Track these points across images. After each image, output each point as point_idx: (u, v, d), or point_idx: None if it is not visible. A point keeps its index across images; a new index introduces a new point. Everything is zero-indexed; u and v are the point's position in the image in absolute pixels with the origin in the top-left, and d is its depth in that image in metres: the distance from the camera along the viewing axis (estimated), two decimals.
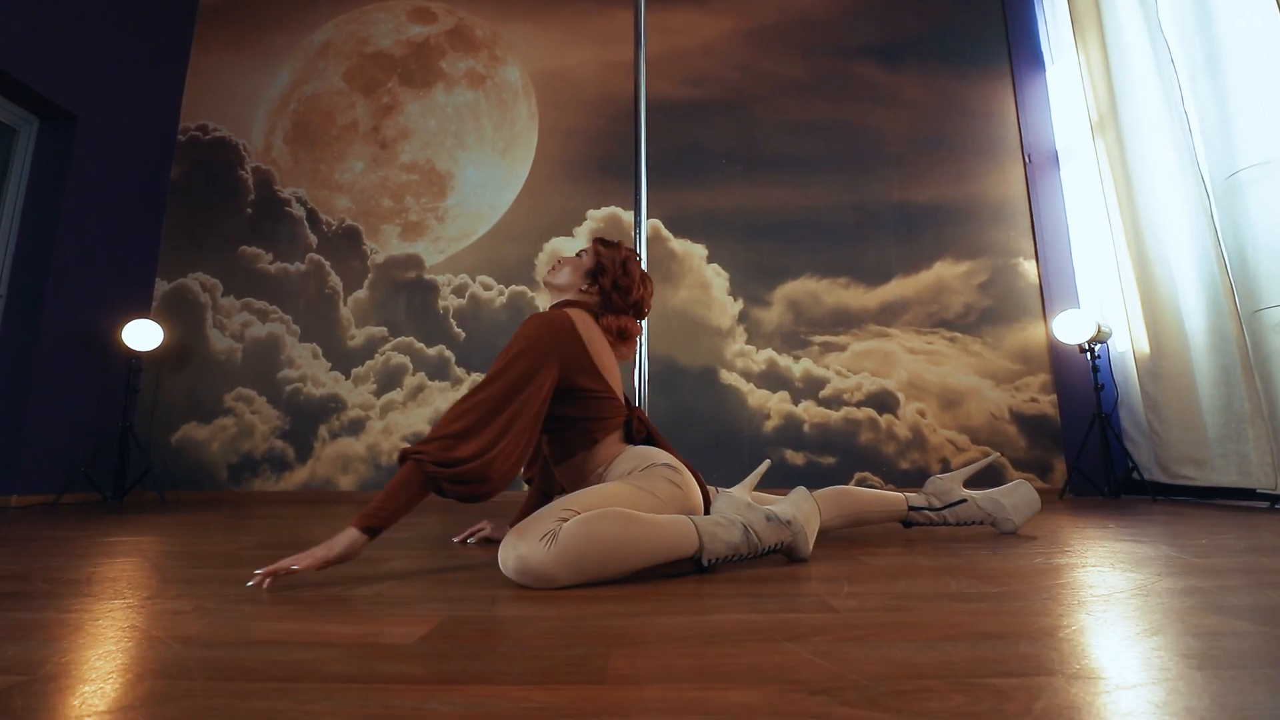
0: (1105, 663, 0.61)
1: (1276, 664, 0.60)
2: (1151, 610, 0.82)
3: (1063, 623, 0.76)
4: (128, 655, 0.67)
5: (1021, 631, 0.72)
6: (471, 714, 0.50)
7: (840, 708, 0.50)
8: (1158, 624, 0.75)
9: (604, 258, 1.41)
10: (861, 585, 1.00)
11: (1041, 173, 3.63)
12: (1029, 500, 1.66)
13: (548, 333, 1.19)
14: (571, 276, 1.41)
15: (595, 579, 1.00)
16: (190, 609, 0.87)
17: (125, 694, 0.55)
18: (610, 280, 1.39)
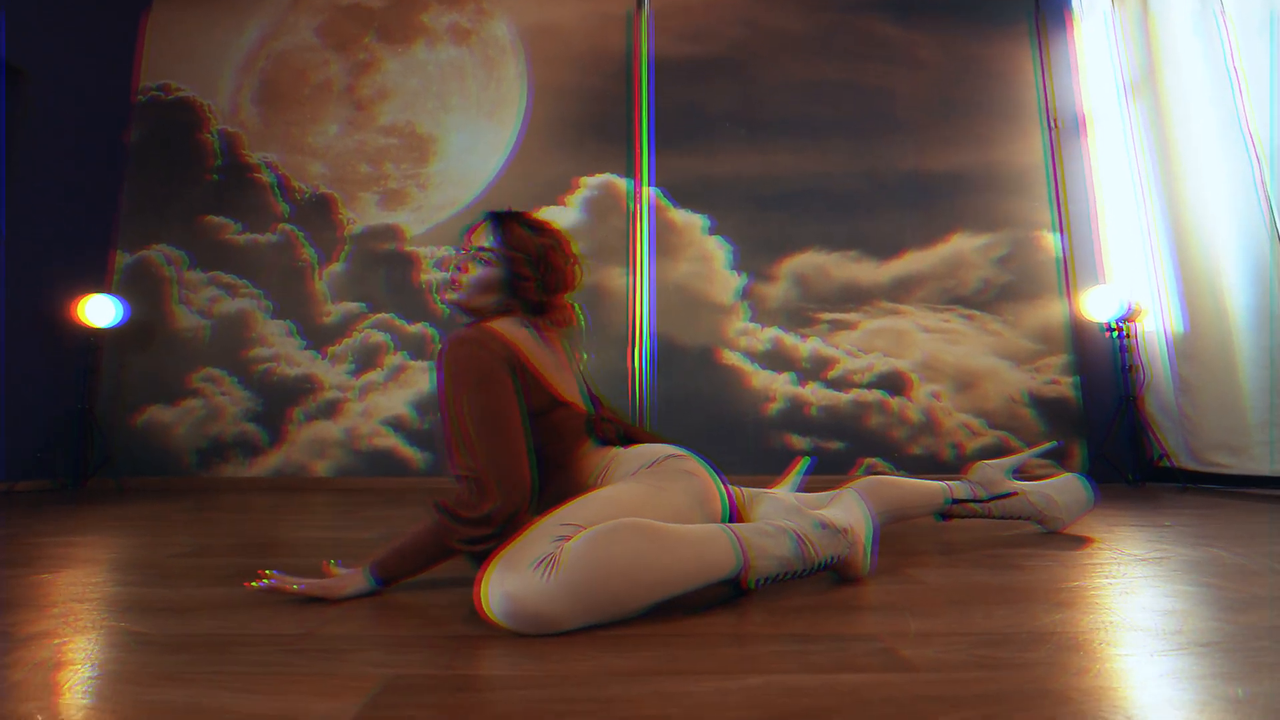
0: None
1: None
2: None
3: (1244, 685, 0.55)
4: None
5: (1201, 709, 0.51)
6: None
7: None
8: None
9: (518, 265, 1.04)
10: (930, 619, 0.79)
11: (1066, 139, 3.39)
12: (1080, 498, 1.48)
13: (484, 351, 0.92)
14: (483, 294, 1.05)
15: (610, 619, 0.77)
16: (59, 645, 0.65)
17: None
18: (535, 286, 1.05)
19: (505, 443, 0.87)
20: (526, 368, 0.96)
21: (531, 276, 1.04)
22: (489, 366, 0.91)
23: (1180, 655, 0.64)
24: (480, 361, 0.91)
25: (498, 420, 0.88)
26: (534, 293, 1.05)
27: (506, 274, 1.04)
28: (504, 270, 1.04)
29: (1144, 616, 0.77)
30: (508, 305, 1.05)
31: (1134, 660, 0.62)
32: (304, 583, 0.90)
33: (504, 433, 0.87)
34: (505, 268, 1.04)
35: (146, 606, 0.88)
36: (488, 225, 1.07)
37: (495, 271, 1.04)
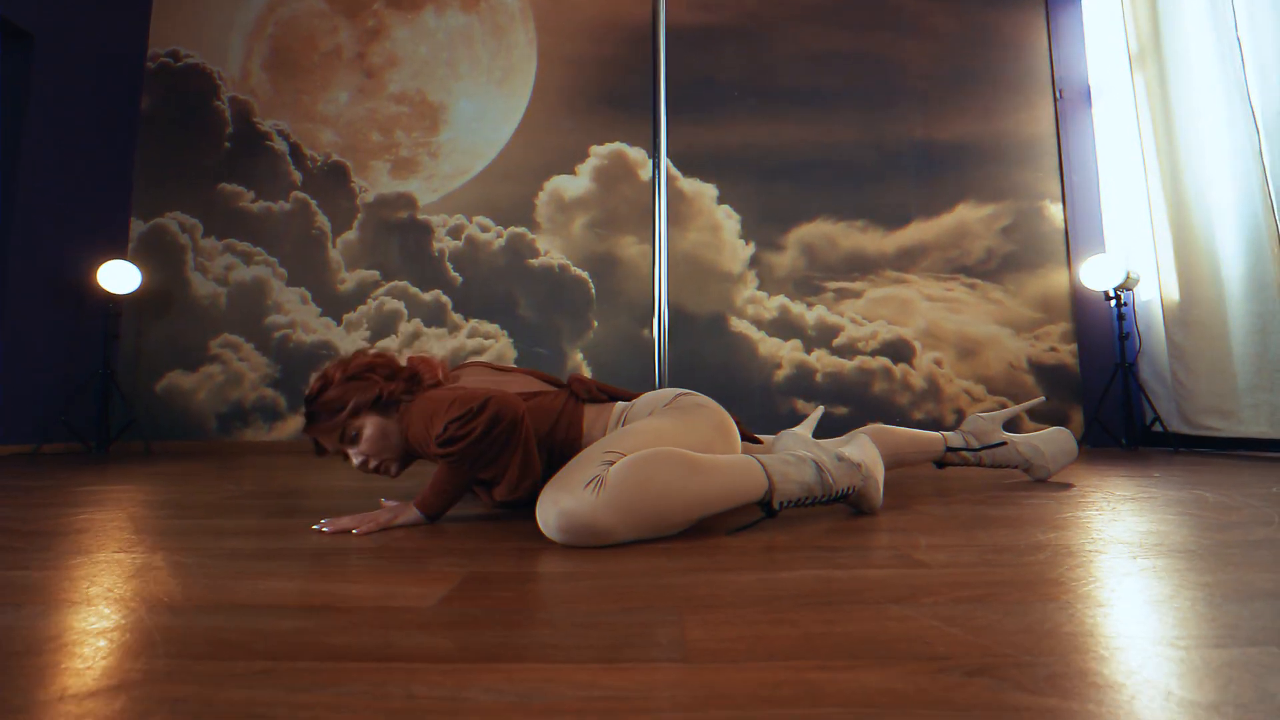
0: (1254, 620, 0.49)
1: None
2: (1266, 560, 0.70)
3: (1214, 578, 0.64)
4: (78, 626, 0.53)
5: (1174, 594, 0.60)
6: (525, 707, 0.37)
7: (1022, 695, 0.38)
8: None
9: (362, 393, 1.09)
10: (940, 537, 0.88)
11: (1073, 109, 3.42)
12: (1067, 450, 1.56)
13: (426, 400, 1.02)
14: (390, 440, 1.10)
15: (655, 532, 0.85)
16: (163, 564, 0.74)
17: (68, 679, 0.42)
18: (389, 395, 1.10)
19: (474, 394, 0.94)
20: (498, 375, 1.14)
21: (380, 389, 1.09)
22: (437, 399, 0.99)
23: (1158, 558, 0.72)
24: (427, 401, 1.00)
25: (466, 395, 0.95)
26: (397, 386, 1.11)
27: (377, 414, 1.09)
28: (370, 418, 1.09)
29: (1129, 534, 0.86)
30: (403, 414, 1.08)
31: (1118, 561, 0.71)
32: (360, 520, 0.97)
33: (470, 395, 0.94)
34: (368, 415, 1.09)
35: (222, 531, 0.97)
36: (323, 432, 1.11)
37: (371, 426, 1.09)
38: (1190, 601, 0.57)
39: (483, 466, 0.93)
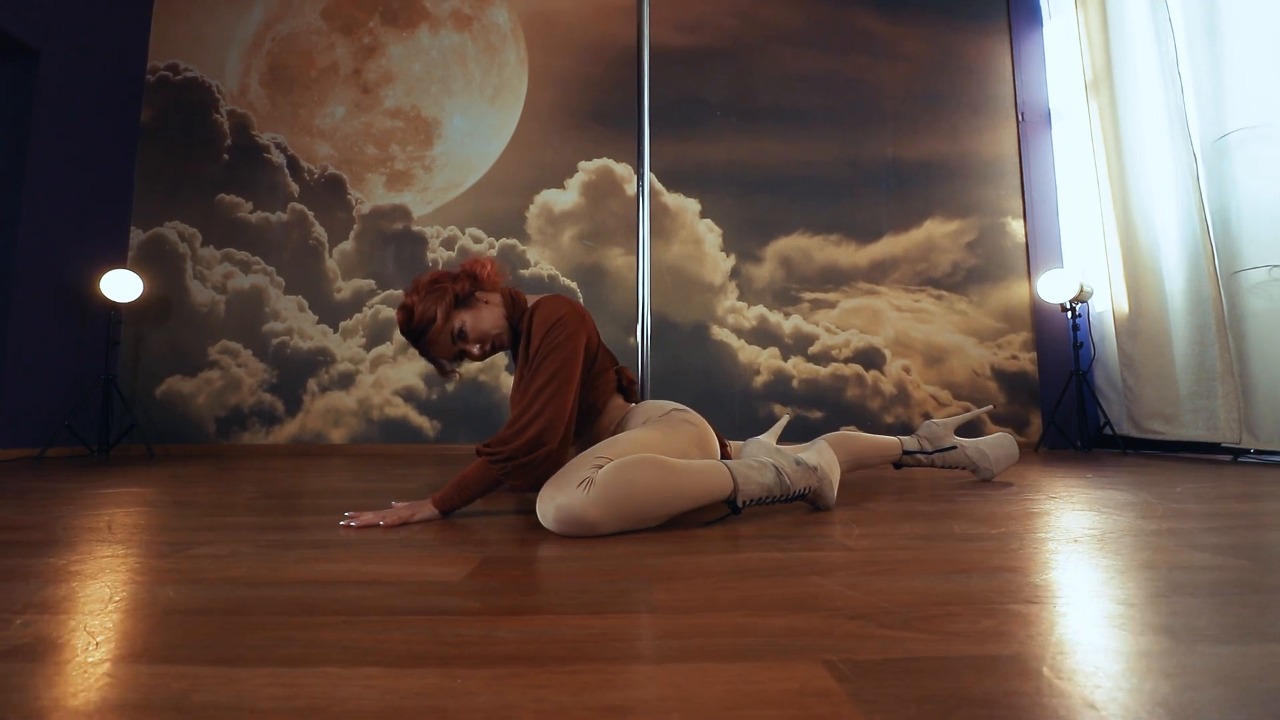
0: (1109, 589, 0.67)
1: (1253, 591, 0.66)
2: (1141, 547, 0.88)
3: (1063, 557, 0.82)
4: (188, 596, 0.69)
5: (1027, 565, 0.78)
6: (538, 639, 0.54)
7: (879, 629, 0.55)
8: (1149, 558, 0.81)
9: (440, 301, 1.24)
10: (871, 528, 1.05)
11: (1034, 131, 3.64)
12: (1010, 453, 1.75)
13: (576, 311, 1.22)
14: (481, 326, 1.27)
15: (636, 525, 1.02)
16: (227, 553, 0.89)
17: (199, 630, 0.58)
18: (482, 285, 1.30)
19: (563, 396, 1.13)
20: (595, 329, 1.29)
21: (451, 290, 1.25)
22: (579, 327, 1.20)
23: (1043, 542, 0.90)
24: (578, 321, 1.21)
25: (567, 375, 1.15)
26: (464, 284, 1.27)
27: (463, 310, 1.25)
28: (460, 315, 1.25)
29: (1027, 524, 1.04)
30: (491, 300, 1.29)
31: (1003, 543, 0.89)
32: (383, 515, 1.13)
33: (566, 386, 1.14)
34: (458, 313, 1.25)
35: (264, 527, 1.12)
36: (436, 347, 1.27)
37: (466, 321, 1.25)
38: (1038, 579, 0.74)
39: (517, 475, 1.11)
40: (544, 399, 1.13)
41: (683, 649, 0.51)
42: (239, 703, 0.42)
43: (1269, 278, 2.40)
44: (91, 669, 0.48)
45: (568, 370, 1.15)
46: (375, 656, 0.50)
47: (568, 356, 1.16)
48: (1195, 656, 0.48)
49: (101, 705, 0.42)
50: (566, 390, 1.14)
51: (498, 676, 0.46)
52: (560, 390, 1.13)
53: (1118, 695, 0.42)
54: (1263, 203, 2.42)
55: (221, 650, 0.52)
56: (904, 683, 0.44)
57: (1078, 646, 0.51)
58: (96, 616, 0.61)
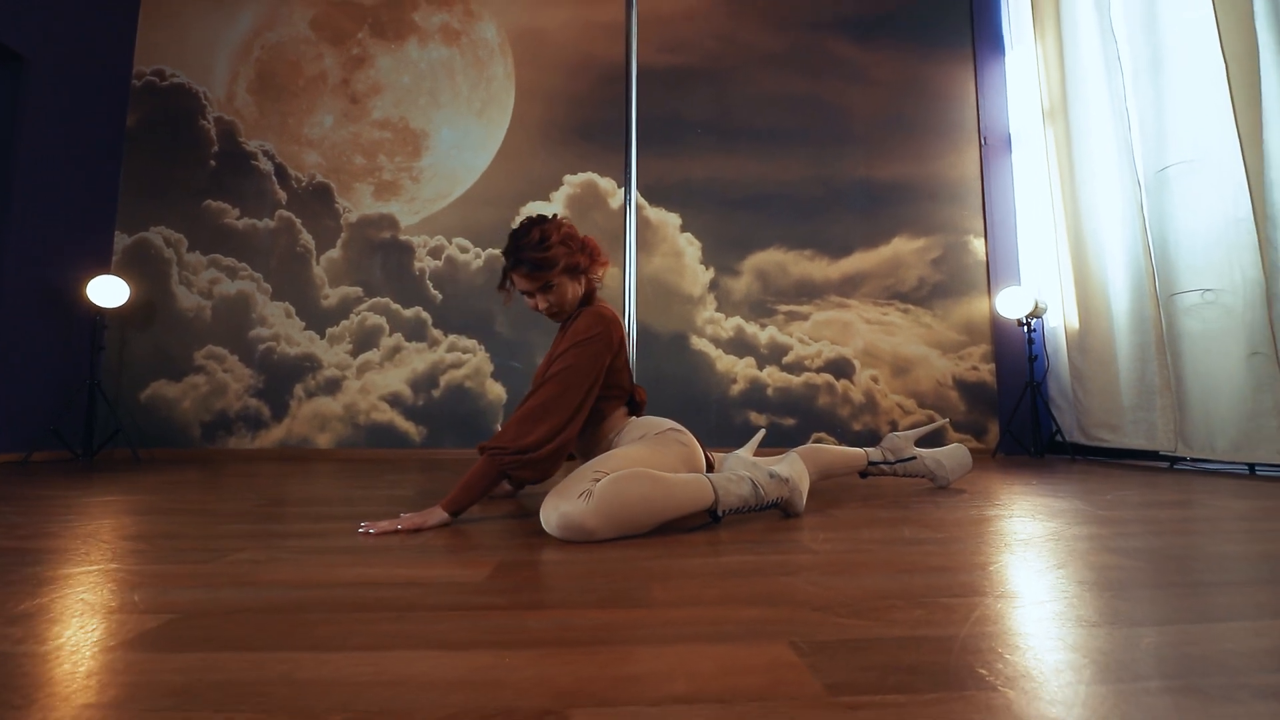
0: (1022, 587, 0.82)
1: (1149, 587, 0.82)
2: (1060, 550, 1.04)
3: (992, 559, 0.97)
4: (249, 597, 0.80)
5: (960, 566, 0.93)
6: (563, 628, 0.66)
7: (836, 619, 0.69)
8: (1064, 560, 0.97)
9: (565, 283, 1.39)
10: (833, 533, 1.20)
11: (995, 156, 3.86)
12: (964, 462, 1.92)
13: (609, 329, 1.37)
14: (568, 305, 1.42)
15: (629, 532, 1.15)
16: (265, 559, 1.00)
17: (274, 625, 0.69)
18: (583, 270, 1.43)
19: (571, 395, 1.28)
20: (623, 343, 1.43)
21: (579, 266, 1.42)
22: (608, 344, 1.35)
23: (982, 546, 1.05)
24: (608, 336, 1.36)
25: (579, 379, 1.29)
26: (587, 275, 1.45)
27: (569, 273, 1.40)
28: (564, 276, 1.39)
29: (973, 529, 1.19)
30: (586, 294, 1.46)
31: (948, 546, 1.03)
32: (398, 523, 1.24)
33: (575, 389, 1.29)
34: (564, 273, 1.39)
35: (285, 534, 1.22)
36: (518, 271, 1.40)
37: (562, 282, 1.40)
38: (971, 577, 0.89)
39: (527, 472, 1.26)
40: (551, 407, 1.26)
41: (678, 634, 0.64)
42: (339, 678, 0.54)
43: (1202, 301, 2.62)
44: (201, 657, 0.59)
45: (579, 385, 1.29)
46: (432, 643, 0.62)
47: (583, 372, 1.30)
48: (1074, 636, 0.63)
49: (224, 683, 0.54)
50: (573, 403, 1.28)
51: (535, 656, 0.58)
52: (567, 403, 1.27)
53: (1010, 660, 0.56)
54: (1197, 232, 2.64)
55: (302, 640, 0.63)
56: (851, 657, 0.58)
57: (985, 630, 0.65)
58: (169, 614, 0.72)
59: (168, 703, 0.49)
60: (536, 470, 1.26)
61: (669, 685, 0.52)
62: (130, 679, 0.54)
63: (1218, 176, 2.51)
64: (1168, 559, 0.98)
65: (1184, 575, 0.88)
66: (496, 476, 1.26)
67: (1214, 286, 2.53)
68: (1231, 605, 0.74)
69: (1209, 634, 0.63)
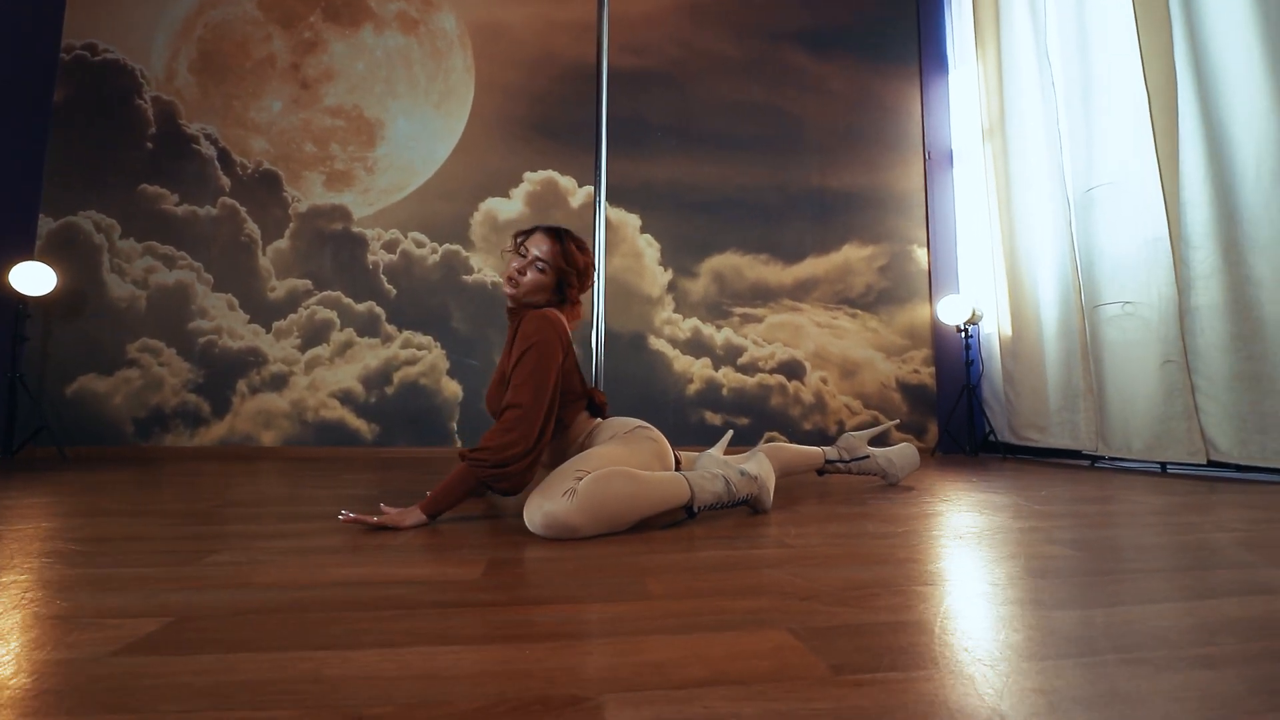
0: (983, 575, 0.90)
1: (1090, 574, 0.91)
2: (1009, 541, 1.13)
3: (951, 550, 1.05)
4: (246, 599, 0.80)
5: (925, 557, 1.00)
6: (572, 622, 0.69)
7: (825, 607, 0.74)
8: (1014, 551, 1.06)
9: (569, 277, 1.45)
10: (804, 529, 1.26)
11: (938, 169, 4.06)
12: (912, 461, 2.04)
13: (558, 333, 1.36)
14: (535, 294, 1.44)
15: (611, 529, 1.18)
16: (246, 560, 0.99)
17: (281, 625, 0.70)
18: (576, 292, 1.48)
19: (542, 400, 1.29)
20: (572, 348, 1.42)
21: (576, 285, 1.46)
22: (558, 346, 1.35)
23: (939, 539, 1.13)
24: (558, 339, 1.35)
25: (544, 382, 1.29)
26: (575, 296, 1.48)
27: (557, 281, 1.44)
28: (554, 278, 1.44)
29: (928, 523, 1.28)
30: (549, 301, 1.46)
31: (910, 539, 1.11)
32: (377, 518, 1.24)
33: (544, 392, 1.29)
34: (556, 276, 1.43)
35: (259, 535, 1.20)
36: (546, 239, 1.44)
37: (548, 280, 1.43)
38: (933, 567, 0.97)
39: (500, 478, 1.25)
40: (524, 417, 1.27)
41: (682, 625, 0.68)
42: (366, 674, 0.55)
43: (1122, 313, 2.85)
44: (217, 659, 0.60)
45: (546, 386, 1.30)
46: (448, 639, 0.64)
47: (546, 373, 1.31)
48: (1037, 617, 0.70)
49: (251, 683, 0.54)
50: (542, 409, 1.29)
51: (553, 648, 0.61)
52: (538, 411, 1.28)
53: (983, 643, 0.62)
54: (1119, 249, 2.86)
55: (315, 639, 0.64)
56: (845, 640, 0.63)
57: (959, 614, 0.72)
58: (165, 617, 0.71)
59: (201, 703, 0.50)
60: (513, 482, 1.26)
61: (688, 670, 0.55)
62: (150, 683, 0.54)
63: (1139, 198, 2.73)
64: (1103, 549, 1.08)
65: (1119, 563, 0.98)
66: (475, 485, 1.27)
67: (1133, 300, 2.75)
68: (1162, 589, 0.83)
69: (1148, 614, 0.72)
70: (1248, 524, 1.33)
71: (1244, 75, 2.34)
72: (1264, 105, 2.28)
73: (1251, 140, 2.32)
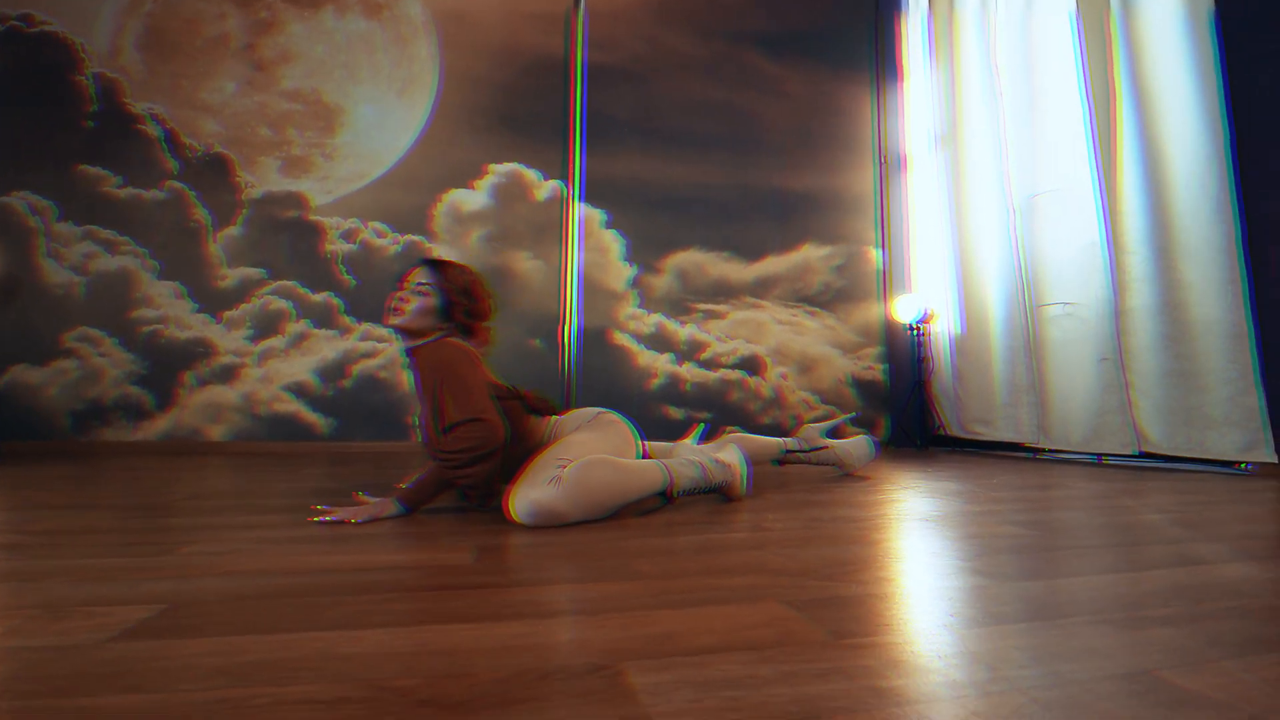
0: (952, 552, 0.95)
1: (1048, 550, 0.98)
2: (970, 523, 1.20)
3: (918, 531, 1.11)
4: (235, 586, 0.79)
5: (896, 538, 1.06)
6: (574, 600, 0.71)
7: (812, 581, 0.78)
8: (975, 531, 1.13)
9: (451, 294, 1.36)
10: (779, 514, 1.31)
11: (892, 173, 4.21)
12: (868, 452, 2.13)
13: (458, 349, 1.31)
14: (422, 318, 1.35)
15: (594, 515, 1.20)
16: (227, 550, 0.97)
17: (277, 610, 0.69)
18: (463, 311, 1.38)
19: (481, 393, 1.26)
20: (483, 369, 1.36)
21: (460, 303, 1.38)
22: (464, 357, 1.30)
23: (905, 521, 1.20)
24: (462, 353, 1.31)
25: (473, 381, 1.26)
26: (461, 316, 1.39)
27: (442, 302, 1.36)
28: (439, 299, 1.36)
29: (894, 508, 1.35)
30: (441, 328, 1.38)
31: (882, 523, 1.17)
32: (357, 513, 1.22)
33: (479, 389, 1.26)
34: (440, 297, 1.36)
35: (232, 525, 1.17)
36: (424, 267, 1.38)
37: (432, 301, 1.35)
38: (906, 545, 1.02)
39: (464, 476, 1.23)
40: (471, 411, 1.22)
41: (681, 600, 0.71)
42: (381, 651, 0.56)
43: (1063, 313, 3.02)
44: (223, 641, 0.59)
45: (477, 393, 1.25)
46: (456, 618, 0.65)
47: (470, 385, 1.26)
48: (1002, 589, 0.76)
49: (266, 662, 0.54)
50: (483, 399, 1.25)
51: (563, 624, 0.63)
52: (478, 402, 1.24)
53: (969, 607, 0.67)
54: (1060, 252, 3.03)
55: (320, 621, 0.64)
56: (836, 609, 0.67)
57: (929, 586, 0.77)
58: (157, 604, 0.70)
59: (219, 681, 0.50)
60: (483, 471, 1.23)
61: (698, 639, 0.58)
62: (160, 664, 0.53)
63: (1078, 205, 2.90)
64: (1054, 529, 1.17)
65: (1071, 540, 1.06)
66: (446, 482, 1.26)
67: (1073, 301, 2.93)
68: (1113, 560, 0.91)
69: (1104, 582, 0.79)
70: (1180, 506, 1.44)
71: (1177, 94, 2.51)
72: (1194, 123, 2.45)
73: (1184, 154, 2.49)
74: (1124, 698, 0.47)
